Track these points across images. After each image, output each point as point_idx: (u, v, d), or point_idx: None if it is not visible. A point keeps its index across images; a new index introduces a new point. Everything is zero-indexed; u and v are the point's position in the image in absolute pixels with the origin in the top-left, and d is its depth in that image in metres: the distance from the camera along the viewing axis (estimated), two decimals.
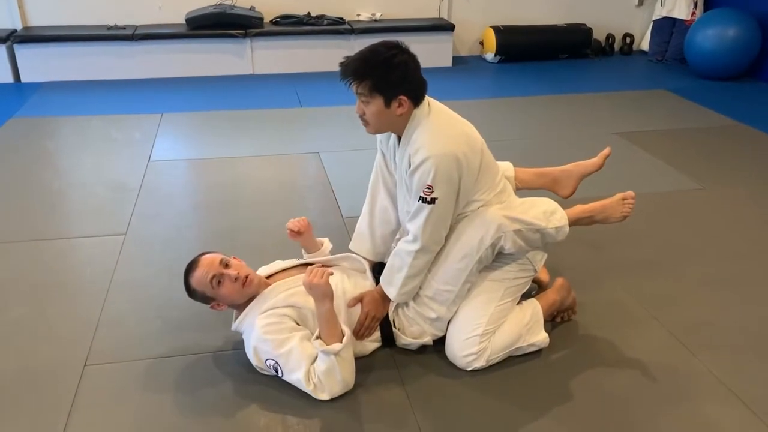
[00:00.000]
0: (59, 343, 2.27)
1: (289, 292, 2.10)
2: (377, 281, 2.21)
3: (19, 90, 5.35)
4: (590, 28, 6.50)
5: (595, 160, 2.48)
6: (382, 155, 2.28)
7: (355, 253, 2.36)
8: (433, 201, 1.99)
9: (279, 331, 2.00)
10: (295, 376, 1.97)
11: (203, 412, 1.97)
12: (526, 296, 2.30)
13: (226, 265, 2.08)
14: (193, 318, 2.39)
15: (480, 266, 2.11)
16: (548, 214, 2.13)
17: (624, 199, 2.25)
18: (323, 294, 1.94)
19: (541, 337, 2.21)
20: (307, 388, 1.96)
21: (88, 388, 2.05)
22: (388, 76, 1.95)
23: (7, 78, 5.50)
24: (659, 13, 6.37)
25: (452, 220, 2.10)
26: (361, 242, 2.37)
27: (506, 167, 2.47)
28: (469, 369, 2.11)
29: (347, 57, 2.00)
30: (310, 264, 2.30)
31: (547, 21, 6.49)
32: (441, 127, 2.04)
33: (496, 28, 6.27)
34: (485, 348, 2.10)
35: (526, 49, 6.33)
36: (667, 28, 6.37)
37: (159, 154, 3.99)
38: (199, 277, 2.06)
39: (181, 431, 1.90)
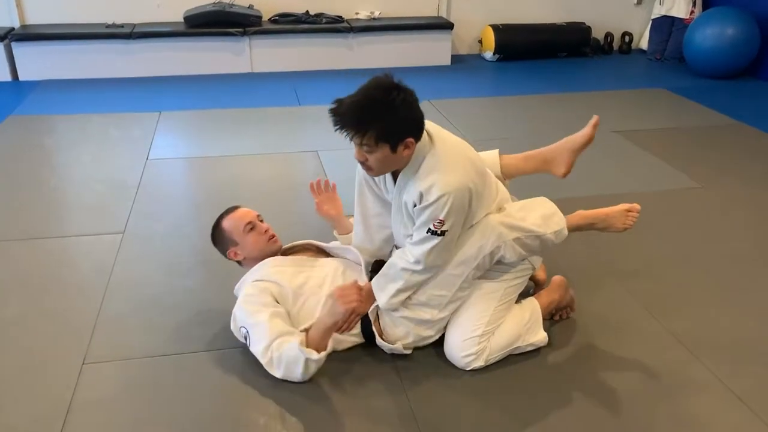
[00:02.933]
0: (57, 341, 2.27)
1: (277, 269, 2.16)
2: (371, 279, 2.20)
3: (17, 88, 5.34)
4: (589, 26, 6.50)
5: (585, 131, 2.35)
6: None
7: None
8: (443, 233, 1.95)
9: (255, 303, 2.07)
10: (256, 348, 2.03)
11: (202, 410, 1.97)
12: (523, 294, 2.30)
13: (261, 221, 2.33)
14: (191, 316, 2.39)
15: (477, 273, 2.09)
16: (546, 218, 2.11)
17: (629, 210, 2.23)
18: (335, 315, 1.96)
19: (540, 337, 2.21)
20: (262, 360, 2.02)
21: (87, 387, 2.05)
22: (392, 123, 1.85)
23: (5, 76, 5.49)
24: (658, 11, 6.37)
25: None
26: (362, 252, 2.30)
27: (491, 157, 2.37)
28: (468, 369, 2.11)
29: (338, 101, 1.86)
30: (322, 250, 2.38)
31: (546, 19, 6.49)
32: (449, 159, 1.97)
33: (495, 27, 6.27)
34: (484, 348, 2.10)
35: (525, 47, 6.33)
36: (665, 27, 6.37)
37: (157, 152, 3.99)
38: (235, 219, 2.28)
39: (180, 430, 1.90)
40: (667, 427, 1.92)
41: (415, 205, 1.98)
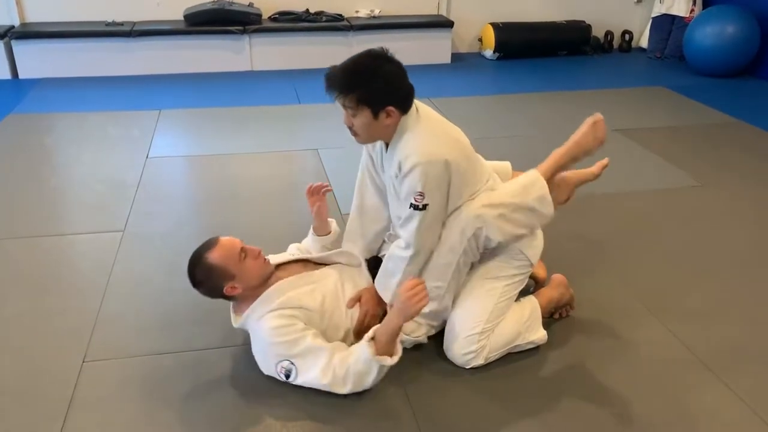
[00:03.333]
0: (57, 339, 2.27)
1: (295, 292, 2.08)
2: (373, 275, 2.21)
3: (16, 86, 5.34)
4: (589, 25, 6.50)
5: (593, 170, 2.41)
6: (369, 157, 2.26)
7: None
8: (424, 207, 1.98)
9: (290, 332, 1.98)
10: (310, 374, 1.95)
11: (201, 408, 1.97)
12: (523, 293, 2.30)
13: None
14: (191, 315, 2.39)
15: (467, 259, 2.10)
16: (526, 186, 2.11)
17: (594, 123, 2.22)
18: (409, 316, 1.90)
19: (539, 335, 2.21)
20: (322, 382, 1.94)
21: (87, 385, 2.05)
22: (374, 88, 1.93)
23: (5, 74, 5.49)
24: (658, 10, 6.36)
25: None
26: (354, 242, 2.34)
27: (504, 166, 2.46)
28: (468, 367, 2.11)
29: (332, 67, 1.97)
30: (307, 260, 2.32)
31: (546, 18, 6.49)
32: (430, 132, 2.02)
33: (495, 25, 6.26)
34: (484, 346, 2.10)
35: (525, 46, 6.32)
36: (666, 25, 6.37)
37: (157, 151, 3.99)
38: (226, 249, 2.02)
39: (180, 428, 1.90)
40: (667, 427, 1.92)
41: (396, 177, 2.02)
